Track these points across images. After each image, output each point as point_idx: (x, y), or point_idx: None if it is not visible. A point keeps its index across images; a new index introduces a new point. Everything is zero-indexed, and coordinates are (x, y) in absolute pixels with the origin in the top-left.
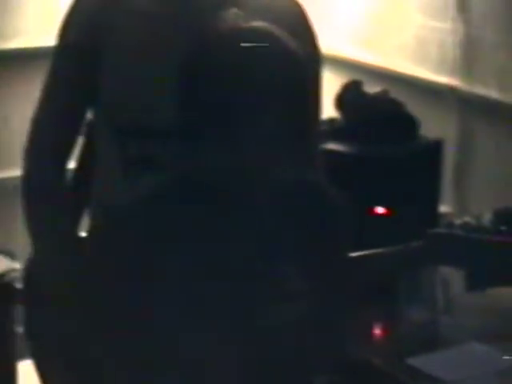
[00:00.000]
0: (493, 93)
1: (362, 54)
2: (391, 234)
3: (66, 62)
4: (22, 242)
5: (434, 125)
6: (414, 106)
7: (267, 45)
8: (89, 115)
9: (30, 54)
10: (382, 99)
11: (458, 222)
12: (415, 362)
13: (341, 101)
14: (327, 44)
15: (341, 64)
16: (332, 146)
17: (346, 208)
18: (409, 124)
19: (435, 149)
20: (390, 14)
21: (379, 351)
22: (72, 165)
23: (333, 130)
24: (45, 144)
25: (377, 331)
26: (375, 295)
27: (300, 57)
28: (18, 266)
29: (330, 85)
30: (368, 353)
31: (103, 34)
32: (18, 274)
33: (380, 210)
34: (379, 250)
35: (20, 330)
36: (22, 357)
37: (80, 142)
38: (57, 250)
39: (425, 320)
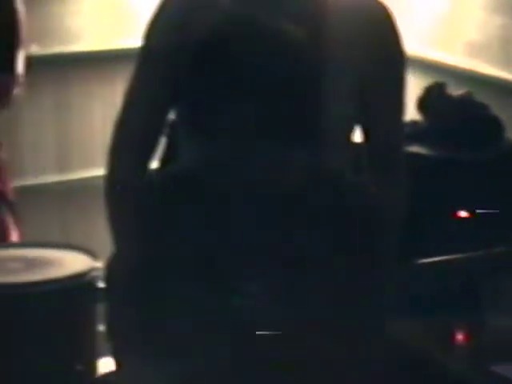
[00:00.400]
0: None
1: (444, 55)
2: (474, 239)
3: (151, 63)
4: (104, 240)
5: None
6: (499, 108)
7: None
8: (171, 116)
9: (107, 56)
10: (466, 101)
11: None
12: (499, 369)
13: (424, 103)
14: (410, 46)
15: (423, 66)
16: (415, 148)
17: (380, 208)
18: (494, 126)
19: None
20: (470, 13)
21: (462, 358)
22: (154, 165)
23: (416, 132)
24: (129, 144)
25: (459, 337)
26: (457, 301)
27: (297, 45)
28: (99, 264)
29: (413, 87)
30: (450, 359)
31: (187, 36)
32: (99, 273)
33: (463, 213)
34: (462, 255)
35: (101, 328)
36: (103, 355)
37: (162, 142)
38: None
39: (508, 326)
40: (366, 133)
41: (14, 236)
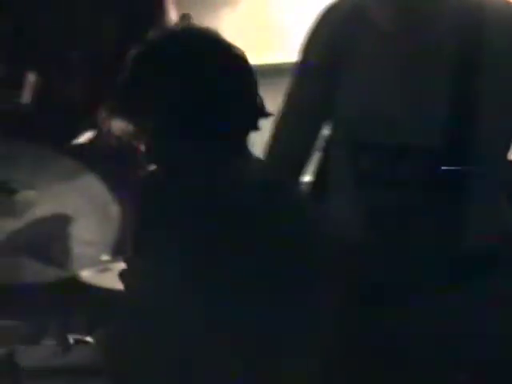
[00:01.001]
0: None
1: None
2: None
3: (307, 79)
4: None
5: None
6: None
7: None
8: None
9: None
10: None
11: None
12: None
13: None
14: None
15: None
16: None
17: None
18: None
19: None
20: None
21: None
22: (308, 178)
23: None
24: (281, 157)
25: None
26: None
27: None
28: None
29: None
30: None
31: (343, 52)
32: None
33: None
34: None
35: None
36: None
37: (317, 156)
38: None
39: None
40: None
41: None
